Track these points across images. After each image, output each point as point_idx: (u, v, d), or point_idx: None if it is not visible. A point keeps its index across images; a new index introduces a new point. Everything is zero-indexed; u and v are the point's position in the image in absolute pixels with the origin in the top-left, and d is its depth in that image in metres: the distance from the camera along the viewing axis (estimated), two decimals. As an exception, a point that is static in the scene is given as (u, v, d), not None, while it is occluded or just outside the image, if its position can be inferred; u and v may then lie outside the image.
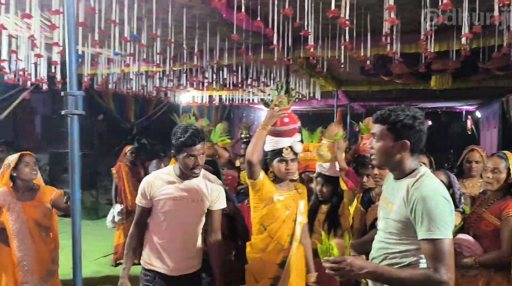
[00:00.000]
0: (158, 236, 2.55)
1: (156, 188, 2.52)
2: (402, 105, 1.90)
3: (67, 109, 2.24)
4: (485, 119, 13.80)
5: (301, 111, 15.93)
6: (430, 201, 1.69)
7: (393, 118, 1.82)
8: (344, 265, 1.68)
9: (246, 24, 4.39)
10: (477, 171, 3.64)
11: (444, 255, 1.65)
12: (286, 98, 2.64)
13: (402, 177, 1.88)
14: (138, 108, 11.28)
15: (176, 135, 2.46)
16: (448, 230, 1.68)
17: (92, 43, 4.39)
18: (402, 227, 1.80)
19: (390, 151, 1.84)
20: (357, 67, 6.88)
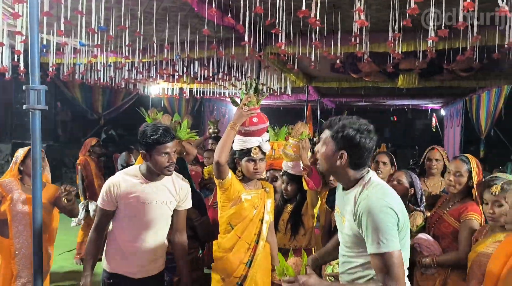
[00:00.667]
0: (123, 240, 2.46)
1: (123, 190, 2.41)
2: (355, 117, 1.84)
3: (29, 104, 2.18)
4: (449, 117, 14.26)
5: (272, 106, 15.97)
6: (374, 213, 1.66)
7: (337, 127, 1.79)
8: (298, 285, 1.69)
9: (218, 19, 4.35)
10: (438, 169, 3.75)
11: (392, 268, 1.63)
12: (255, 98, 2.63)
13: (349, 188, 1.85)
14: (106, 99, 11.02)
15: (147, 133, 2.37)
16: (394, 242, 1.65)
17: (58, 33, 4.24)
18: (356, 240, 1.78)
19: (331, 159, 1.81)
20: (328, 63, 6.95)
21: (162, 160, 2.39)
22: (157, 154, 2.38)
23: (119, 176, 2.48)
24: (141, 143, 2.41)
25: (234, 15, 3.93)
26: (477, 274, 2.30)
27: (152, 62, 7.18)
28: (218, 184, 2.54)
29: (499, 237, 2.25)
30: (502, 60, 5.34)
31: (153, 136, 2.35)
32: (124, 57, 5.69)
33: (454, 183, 2.74)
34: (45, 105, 2.22)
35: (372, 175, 1.85)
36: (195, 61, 6.92)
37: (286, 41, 4.75)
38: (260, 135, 2.67)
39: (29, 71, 2.22)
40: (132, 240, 2.46)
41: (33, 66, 2.19)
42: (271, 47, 5.68)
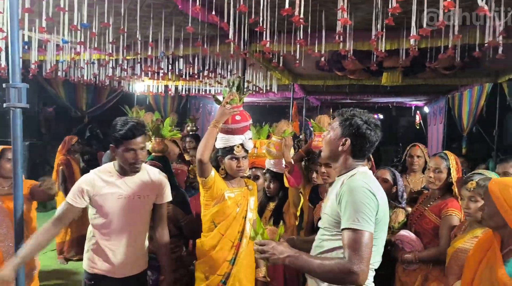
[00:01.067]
0: (104, 238, 2.42)
1: (98, 187, 2.37)
2: (365, 111, 1.96)
3: (10, 102, 2.15)
4: (432, 115, 14.45)
5: (258, 103, 15.99)
6: (356, 193, 1.75)
7: (347, 115, 1.90)
8: (268, 248, 1.76)
9: (202, 16, 4.34)
10: (419, 166, 3.82)
11: (360, 246, 1.67)
12: (238, 96, 2.63)
13: (341, 174, 1.95)
14: (90, 96, 10.87)
15: (116, 127, 2.33)
16: (369, 224, 1.71)
17: (39, 30, 4.18)
18: (334, 221, 1.84)
19: (334, 144, 1.91)
20: (313, 61, 6.99)
21: (127, 156, 2.35)
22: (124, 149, 2.35)
23: (93, 174, 2.42)
24: (112, 137, 2.38)
25: (219, 12, 3.91)
26: (455, 269, 2.35)
27: (137, 59, 7.12)
28: (201, 182, 2.54)
29: (477, 233, 2.30)
30: (483, 59, 5.43)
31: (121, 131, 2.32)
32: (108, 55, 5.62)
33: (434, 179, 2.80)
34: (26, 103, 2.19)
35: (365, 169, 1.94)
36: (180, 59, 6.88)
37: (271, 39, 4.75)
38: (243, 133, 2.67)
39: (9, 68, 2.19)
40: (112, 238, 2.42)
41: (14, 64, 2.16)
42: (256, 45, 5.68)
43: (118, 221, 2.42)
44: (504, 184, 1.78)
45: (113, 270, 2.43)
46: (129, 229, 2.46)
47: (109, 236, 2.42)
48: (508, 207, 1.72)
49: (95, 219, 2.44)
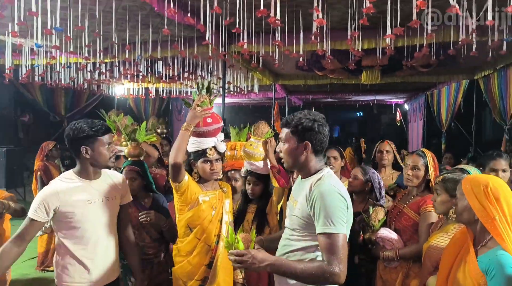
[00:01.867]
0: (80, 248, 2.32)
1: (65, 196, 2.26)
2: (305, 110, 2.01)
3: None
4: (412, 112, 14.67)
5: (241, 104, 16.00)
6: (327, 197, 1.80)
7: (295, 122, 1.95)
8: (247, 258, 1.76)
9: (178, 18, 4.32)
10: (388, 160, 3.91)
11: (337, 249, 1.75)
12: (208, 98, 2.60)
13: (307, 176, 1.99)
14: (69, 100, 10.73)
15: (83, 128, 2.27)
16: (342, 225, 1.79)
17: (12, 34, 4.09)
18: (304, 223, 1.90)
19: (295, 152, 1.96)
20: (293, 61, 7.02)
21: (105, 152, 2.34)
22: (102, 146, 2.32)
23: (54, 185, 2.32)
24: (78, 139, 2.28)
25: (195, 14, 3.90)
26: (428, 266, 2.38)
27: (114, 63, 7.04)
28: (174, 187, 2.51)
29: (449, 229, 2.34)
30: (458, 56, 5.54)
31: (94, 128, 2.29)
32: (84, 58, 5.55)
33: (412, 177, 2.83)
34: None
35: (329, 170, 2.00)
36: (159, 61, 6.83)
37: (248, 40, 4.75)
38: (215, 135, 2.66)
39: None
40: (88, 246, 2.35)
41: (-18, 70, 2.11)
42: (234, 46, 5.68)
43: (91, 227, 2.35)
44: (476, 181, 1.82)
45: (91, 280, 2.35)
46: (103, 234, 2.40)
47: (85, 244, 2.34)
48: (479, 204, 1.75)
49: (66, 230, 2.32)
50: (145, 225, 2.95)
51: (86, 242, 2.35)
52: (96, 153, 2.32)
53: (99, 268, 2.38)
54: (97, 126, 2.31)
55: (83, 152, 2.30)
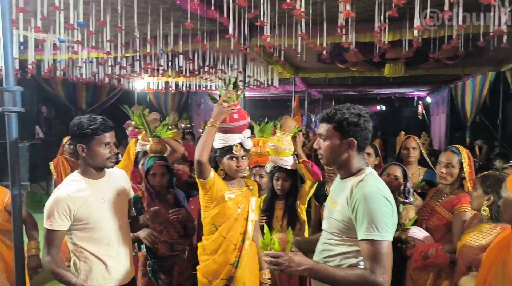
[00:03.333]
0: (99, 248, 2.28)
1: (79, 199, 2.21)
2: (347, 104, 1.87)
3: (4, 107, 2.08)
4: (435, 105, 14.36)
5: (260, 97, 15.92)
6: (371, 201, 1.68)
7: (339, 117, 1.80)
8: (283, 260, 1.66)
9: (201, 11, 4.26)
10: (415, 158, 3.74)
11: (381, 257, 1.64)
12: (235, 94, 2.54)
13: (348, 177, 1.86)
14: (90, 95, 10.82)
15: (83, 124, 2.18)
16: (388, 232, 1.67)
17: (35, 29, 4.11)
18: (344, 227, 1.78)
19: (338, 150, 1.83)
20: (314, 54, 6.90)
21: (103, 152, 2.23)
22: (98, 145, 2.22)
23: (64, 189, 2.24)
24: (77, 136, 2.21)
25: (218, 7, 3.83)
26: (461, 266, 2.30)
27: (135, 57, 7.05)
28: (200, 183, 2.47)
29: (483, 228, 2.25)
30: (486, 48, 5.34)
31: (92, 126, 2.18)
32: (106, 53, 5.55)
33: (446, 174, 2.73)
34: (21, 107, 2.12)
35: (372, 170, 1.87)
36: (179, 55, 6.80)
37: (271, 33, 4.67)
38: (241, 131, 2.59)
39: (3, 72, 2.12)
40: (104, 246, 2.30)
41: (7, 67, 2.08)
42: (256, 39, 5.60)
43: (109, 226, 2.32)
44: None
45: (115, 279, 2.33)
46: (119, 232, 2.37)
47: (100, 245, 2.29)
48: None
49: (85, 233, 2.25)
50: (172, 222, 2.93)
51: (102, 242, 2.30)
52: (92, 152, 2.23)
53: (118, 267, 2.36)
54: (95, 123, 2.21)
55: (79, 150, 2.24)
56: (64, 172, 5.20)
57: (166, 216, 2.86)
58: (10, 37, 2.10)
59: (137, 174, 3.63)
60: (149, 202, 2.98)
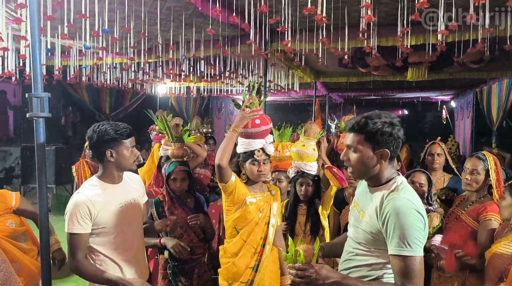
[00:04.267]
0: (113, 253, 2.29)
1: (99, 203, 2.24)
2: (376, 111, 1.77)
3: (32, 112, 2.14)
4: (459, 109, 14.07)
5: (280, 102, 15.92)
6: (403, 215, 1.61)
7: (371, 127, 1.70)
8: (310, 273, 1.61)
9: (223, 17, 4.29)
10: (440, 164, 3.66)
11: (413, 273, 1.59)
12: (257, 99, 2.56)
13: (377, 186, 1.79)
14: (114, 99, 11.03)
15: (108, 130, 2.24)
16: (419, 246, 1.62)
17: (62, 36, 4.21)
18: (372, 238, 1.73)
19: (369, 162, 1.74)
20: (335, 58, 6.87)
21: (129, 155, 2.30)
22: (125, 149, 2.28)
23: (82, 193, 2.26)
24: (103, 142, 2.25)
25: (239, 13, 3.86)
26: (491, 275, 2.23)
27: (158, 62, 7.15)
28: (222, 187, 2.49)
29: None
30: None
31: (119, 131, 2.25)
32: (129, 59, 5.65)
33: (471, 181, 2.67)
34: (48, 112, 2.18)
35: (403, 179, 1.79)
36: (201, 60, 6.87)
37: (292, 38, 4.67)
38: (263, 137, 2.60)
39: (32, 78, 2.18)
40: (123, 250, 2.32)
41: (35, 73, 2.15)
42: (277, 44, 5.61)
43: (127, 229, 2.35)
44: None
45: None
46: (135, 236, 2.41)
47: (124, 248, 2.33)
48: None
49: (101, 237, 2.27)
50: (192, 226, 2.96)
51: (125, 246, 2.33)
52: (120, 156, 2.29)
53: (133, 271, 2.38)
54: (121, 129, 2.28)
55: (108, 156, 2.28)
56: (85, 175, 5.30)
57: (186, 220, 2.89)
58: (39, 45, 2.17)
59: (160, 178, 3.68)
60: (169, 206, 3.02)
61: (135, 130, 2.38)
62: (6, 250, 2.72)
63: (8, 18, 4.52)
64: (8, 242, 2.74)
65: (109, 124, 2.31)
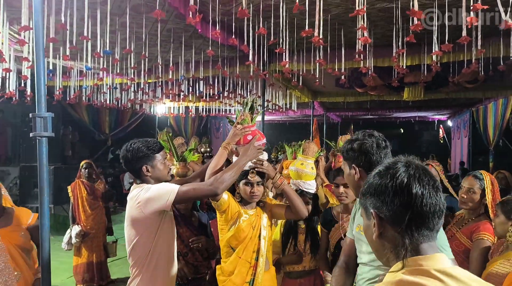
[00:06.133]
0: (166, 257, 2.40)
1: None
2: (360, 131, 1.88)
3: (36, 132, 2.18)
4: (456, 128, 14.19)
5: (278, 121, 16.02)
6: None
7: (343, 148, 1.85)
8: None
9: (222, 39, 4.39)
10: None
11: None
12: (249, 116, 2.57)
13: None
14: (113, 119, 11.10)
15: (141, 148, 2.34)
16: None
17: (63, 58, 4.29)
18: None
19: (352, 180, 1.81)
20: (333, 78, 6.98)
21: (165, 168, 2.42)
22: (160, 162, 2.40)
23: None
24: (138, 159, 2.33)
25: (238, 35, 3.95)
26: None
27: (158, 82, 7.24)
28: (215, 206, 2.50)
29: (511, 256, 2.19)
30: (508, 71, 5.31)
31: (151, 147, 2.37)
32: (130, 79, 5.73)
33: (466, 200, 2.69)
34: (51, 132, 2.22)
35: None
36: (200, 81, 6.96)
37: (290, 58, 4.76)
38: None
39: (35, 98, 2.23)
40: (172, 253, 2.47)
41: (39, 94, 2.20)
42: (275, 64, 5.70)
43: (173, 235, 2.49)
44: None
45: None
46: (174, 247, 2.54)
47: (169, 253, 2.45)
48: None
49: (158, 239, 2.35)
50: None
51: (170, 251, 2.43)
52: (156, 170, 2.39)
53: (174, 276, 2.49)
54: (152, 144, 2.39)
55: (144, 171, 2.36)
56: (81, 196, 5.26)
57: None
58: (43, 67, 2.22)
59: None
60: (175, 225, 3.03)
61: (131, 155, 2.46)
62: (13, 256, 2.78)
63: (11, 39, 4.61)
64: (17, 250, 2.81)
65: (140, 142, 2.41)
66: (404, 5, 3.70)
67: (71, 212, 5.27)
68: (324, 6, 3.49)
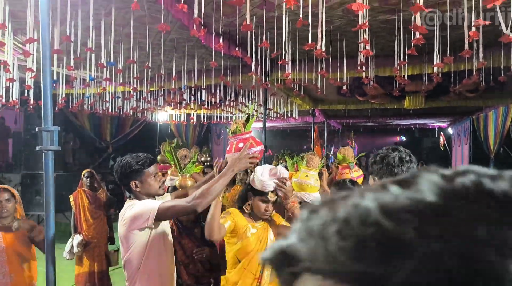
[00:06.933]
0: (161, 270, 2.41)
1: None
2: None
3: (42, 145, 2.20)
4: (456, 136, 14.18)
5: (278, 128, 16.05)
6: None
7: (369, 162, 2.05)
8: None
9: (225, 50, 4.42)
10: None
11: None
12: (241, 124, 2.45)
13: None
14: (114, 127, 11.13)
15: (130, 163, 2.33)
16: None
17: (67, 68, 4.32)
18: None
19: None
20: (334, 87, 7.00)
21: (154, 183, 2.39)
22: (149, 177, 2.37)
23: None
24: (127, 174, 2.32)
25: (240, 45, 3.98)
26: None
27: (160, 91, 7.27)
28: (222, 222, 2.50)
29: None
30: (508, 81, 5.34)
31: (140, 162, 2.34)
32: (132, 89, 5.76)
33: None
34: (57, 145, 2.24)
35: None
36: (202, 89, 6.99)
37: (292, 68, 4.79)
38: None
39: (41, 100, 2.25)
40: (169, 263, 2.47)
41: (46, 107, 2.22)
42: (277, 74, 5.73)
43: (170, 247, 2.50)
44: None
45: None
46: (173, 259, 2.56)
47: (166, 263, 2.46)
48: None
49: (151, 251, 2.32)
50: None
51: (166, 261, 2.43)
52: (145, 185, 2.37)
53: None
54: (142, 159, 2.36)
55: (133, 187, 2.35)
56: (82, 204, 5.24)
57: (193, 250, 2.92)
58: (49, 80, 2.25)
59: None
60: (177, 236, 3.03)
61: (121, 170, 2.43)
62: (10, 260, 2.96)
63: (15, 49, 4.64)
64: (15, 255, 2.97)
65: (130, 157, 2.40)
66: (406, 17, 3.73)
67: (73, 221, 5.26)
68: (327, 18, 3.53)
